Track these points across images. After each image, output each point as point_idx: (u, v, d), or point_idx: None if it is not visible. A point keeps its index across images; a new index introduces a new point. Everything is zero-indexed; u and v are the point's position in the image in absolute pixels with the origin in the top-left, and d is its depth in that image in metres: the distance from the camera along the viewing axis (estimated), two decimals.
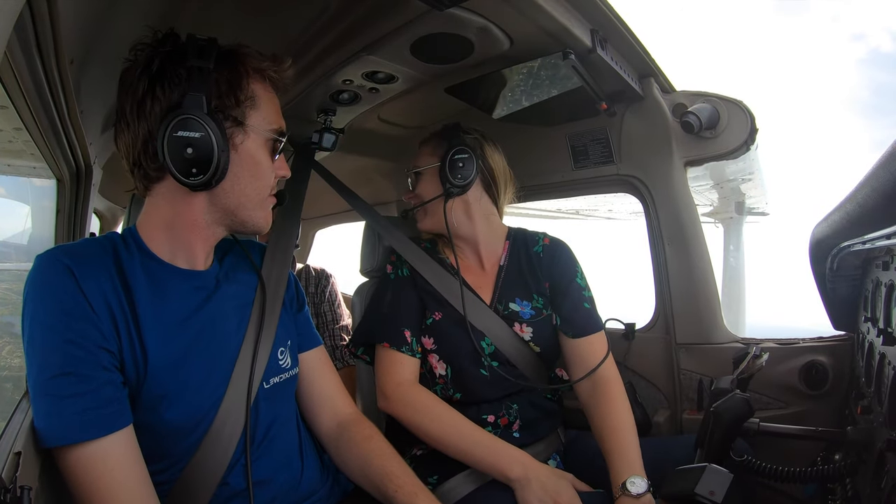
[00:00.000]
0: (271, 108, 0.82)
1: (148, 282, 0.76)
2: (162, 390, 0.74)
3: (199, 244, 0.82)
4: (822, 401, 1.23)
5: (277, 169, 0.84)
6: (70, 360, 0.67)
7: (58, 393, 0.67)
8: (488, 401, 1.18)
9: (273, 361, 0.88)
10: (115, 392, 0.70)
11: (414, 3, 0.93)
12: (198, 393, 0.77)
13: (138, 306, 0.73)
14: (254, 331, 0.85)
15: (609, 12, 1.09)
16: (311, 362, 0.99)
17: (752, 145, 1.34)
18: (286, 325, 0.95)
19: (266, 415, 0.85)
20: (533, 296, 1.24)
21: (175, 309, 0.77)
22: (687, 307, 1.40)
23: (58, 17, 0.68)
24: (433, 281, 1.23)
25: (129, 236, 0.80)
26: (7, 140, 1.16)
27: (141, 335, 0.73)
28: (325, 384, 1.00)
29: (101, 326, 0.69)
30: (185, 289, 0.80)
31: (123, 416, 0.70)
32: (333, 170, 1.45)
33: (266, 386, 0.86)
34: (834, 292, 1.15)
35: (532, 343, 1.21)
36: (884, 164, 0.61)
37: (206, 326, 0.80)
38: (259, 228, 0.84)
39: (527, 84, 1.31)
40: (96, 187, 1.48)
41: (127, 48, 0.77)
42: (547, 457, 1.21)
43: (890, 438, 0.70)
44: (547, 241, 1.30)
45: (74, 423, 0.66)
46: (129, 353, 0.72)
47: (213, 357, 0.80)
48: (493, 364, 1.17)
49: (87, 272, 0.70)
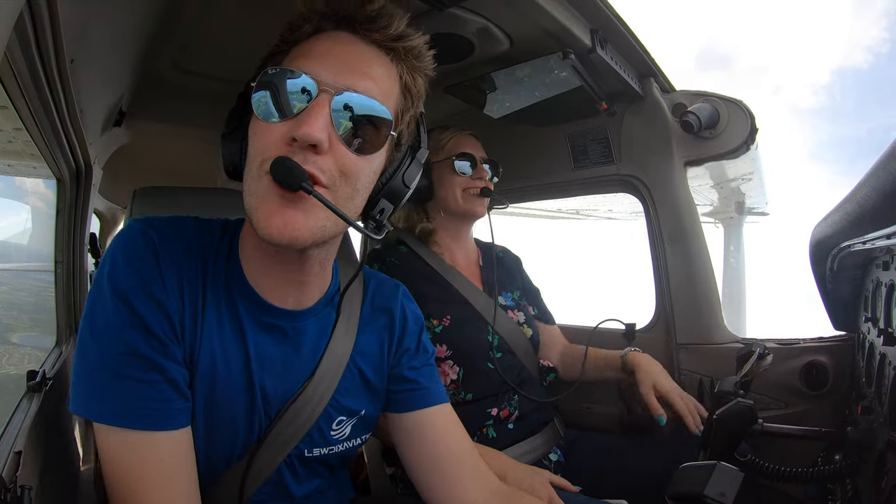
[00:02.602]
0: (290, 58, 0.63)
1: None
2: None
3: (260, 267, 0.68)
4: (823, 401, 1.23)
5: (290, 129, 0.58)
6: (144, 343, 0.60)
7: (121, 372, 0.59)
8: (493, 394, 1.21)
9: (319, 429, 0.74)
10: (180, 389, 0.62)
11: (414, 3, 0.93)
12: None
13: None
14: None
15: (609, 12, 1.09)
16: (429, 424, 0.81)
17: (752, 145, 1.34)
18: (362, 383, 0.78)
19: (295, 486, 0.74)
20: (512, 290, 1.38)
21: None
22: (687, 307, 1.40)
23: (58, 17, 0.68)
24: (450, 279, 1.26)
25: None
26: (7, 140, 1.16)
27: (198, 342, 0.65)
28: (459, 447, 0.81)
29: (174, 317, 0.62)
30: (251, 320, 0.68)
31: (185, 416, 0.63)
32: None
33: (307, 454, 0.74)
34: (834, 292, 1.14)
35: (525, 326, 1.31)
36: (884, 163, 0.60)
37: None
38: (257, 226, 0.59)
39: (527, 84, 1.31)
40: (96, 187, 1.47)
41: (127, 48, 0.77)
42: (547, 451, 1.23)
43: (890, 439, 0.70)
44: (501, 248, 1.49)
45: (130, 409, 0.59)
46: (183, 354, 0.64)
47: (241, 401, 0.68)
48: (498, 356, 1.23)
49: (171, 253, 0.64)
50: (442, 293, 1.24)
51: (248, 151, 0.62)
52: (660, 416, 1.14)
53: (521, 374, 1.26)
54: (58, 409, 0.86)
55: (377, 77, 0.62)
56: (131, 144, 1.58)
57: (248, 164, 0.62)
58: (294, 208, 0.58)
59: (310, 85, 0.58)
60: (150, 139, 1.54)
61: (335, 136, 0.59)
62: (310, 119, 0.57)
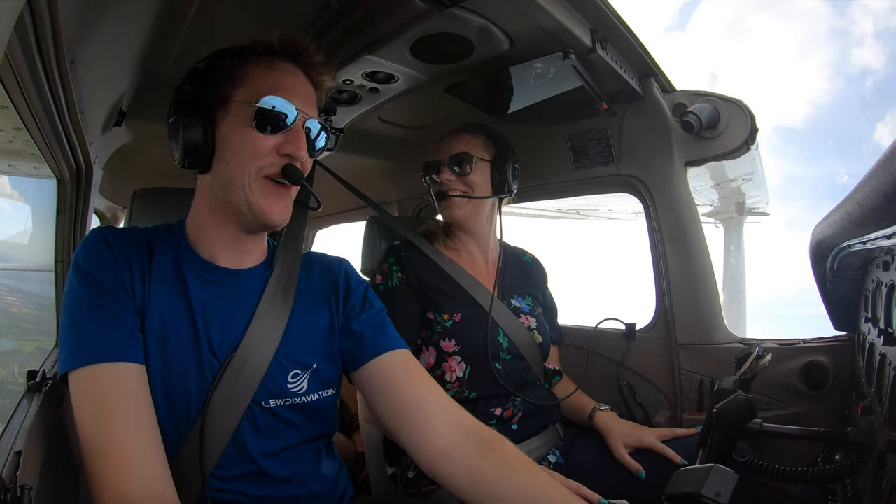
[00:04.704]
0: (263, 83, 0.79)
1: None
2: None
3: (215, 238, 0.83)
4: (823, 401, 1.23)
5: (280, 145, 0.78)
6: (101, 298, 0.74)
7: (86, 323, 0.73)
8: (497, 395, 1.21)
9: (273, 379, 0.81)
10: (132, 332, 0.75)
11: (414, 3, 0.93)
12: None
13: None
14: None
15: (609, 12, 1.09)
16: (389, 369, 0.87)
17: (752, 145, 1.33)
18: (310, 339, 0.87)
19: (255, 444, 0.80)
20: (527, 295, 1.37)
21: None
22: (687, 307, 1.40)
23: (58, 17, 0.68)
24: (457, 278, 1.26)
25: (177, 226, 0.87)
26: (7, 140, 1.16)
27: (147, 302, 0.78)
28: (423, 390, 0.85)
29: (124, 280, 0.77)
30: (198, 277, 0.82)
31: (138, 353, 0.74)
32: (333, 169, 1.45)
33: (265, 405, 0.81)
34: (834, 292, 1.14)
35: (536, 332, 1.30)
36: (884, 163, 0.60)
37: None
38: (260, 214, 0.79)
39: (527, 84, 1.31)
40: (97, 187, 1.47)
41: (127, 48, 0.78)
42: (546, 452, 1.23)
43: (890, 439, 0.70)
44: (531, 255, 1.49)
45: (93, 346, 0.71)
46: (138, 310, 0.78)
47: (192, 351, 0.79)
48: (507, 358, 1.23)
49: (120, 243, 0.80)
50: (452, 290, 1.26)
51: (234, 153, 0.78)
52: (638, 472, 1.14)
53: (527, 377, 1.26)
54: (58, 409, 0.86)
55: (315, 103, 0.86)
56: (132, 144, 1.58)
57: (239, 165, 0.78)
58: (285, 199, 0.81)
59: (294, 113, 0.79)
60: (150, 139, 1.54)
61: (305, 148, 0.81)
62: (299, 143, 0.79)
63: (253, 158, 0.77)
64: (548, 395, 1.31)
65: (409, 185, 2.05)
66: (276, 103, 0.77)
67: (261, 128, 0.77)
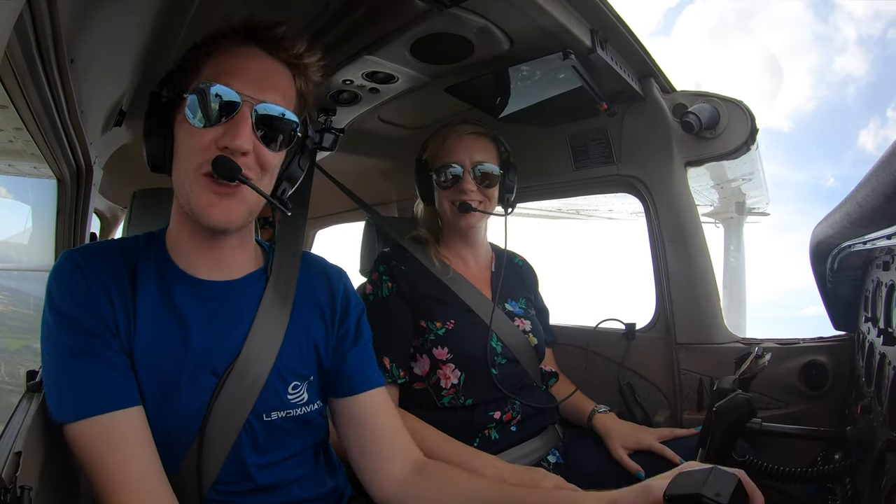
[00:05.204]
0: (210, 71, 0.72)
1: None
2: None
3: (189, 247, 0.79)
4: (822, 401, 1.23)
5: (219, 137, 0.70)
6: (84, 342, 0.70)
7: (72, 369, 0.69)
8: (494, 399, 1.20)
9: (274, 391, 0.80)
10: (124, 373, 0.71)
11: (414, 3, 0.93)
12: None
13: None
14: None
15: (609, 12, 1.09)
16: (369, 406, 0.88)
17: (752, 145, 1.34)
18: (308, 348, 0.85)
19: (255, 457, 0.79)
20: (520, 298, 1.37)
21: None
22: (687, 307, 1.40)
23: (57, 17, 0.68)
24: (451, 284, 1.24)
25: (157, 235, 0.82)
26: (7, 140, 1.16)
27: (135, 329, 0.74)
28: (391, 427, 0.88)
29: (107, 317, 0.72)
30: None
31: (133, 395, 0.71)
32: (334, 170, 1.46)
33: (266, 419, 0.79)
34: (834, 292, 1.14)
35: (531, 335, 1.29)
36: (884, 163, 0.60)
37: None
38: (199, 216, 0.72)
39: (527, 84, 1.31)
40: (97, 187, 1.48)
41: (127, 48, 0.78)
42: (546, 452, 1.23)
43: (890, 438, 0.70)
44: (521, 258, 1.47)
45: (86, 398, 0.68)
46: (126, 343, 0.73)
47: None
48: (502, 362, 1.22)
49: (95, 270, 0.74)
50: (445, 297, 1.23)
51: (180, 152, 0.73)
52: (637, 472, 1.14)
53: (523, 380, 1.25)
54: None
55: (283, 88, 0.76)
56: (132, 144, 1.58)
57: (182, 164, 0.73)
58: (229, 199, 0.72)
59: (235, 98, 0.70)
60: None
61: (256, 139, 0.72)
62: (237, 131, 0.69)
63: (192, 155, 0.71)
64: (545, 396, 1.30)
65: (409, 185, 2.04)
66: (214, 90, 0.70)
67: (195, 120, 0.70)
